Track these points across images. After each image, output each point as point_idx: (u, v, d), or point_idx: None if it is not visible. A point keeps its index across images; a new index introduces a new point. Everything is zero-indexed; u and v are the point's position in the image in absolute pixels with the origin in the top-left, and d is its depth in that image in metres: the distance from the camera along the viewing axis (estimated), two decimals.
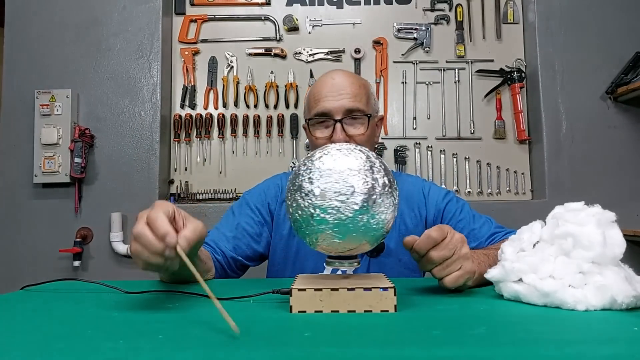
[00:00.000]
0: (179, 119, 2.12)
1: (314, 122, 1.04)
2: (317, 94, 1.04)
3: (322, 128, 1.04)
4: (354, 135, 1.02)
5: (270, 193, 1.11)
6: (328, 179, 0.60)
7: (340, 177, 0.60)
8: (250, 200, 1.10)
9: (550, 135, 2.01)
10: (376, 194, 0.60)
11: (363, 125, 1.03)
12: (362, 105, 1.03)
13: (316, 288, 0.59)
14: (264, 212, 1.08)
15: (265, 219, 1.08)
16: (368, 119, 1.04)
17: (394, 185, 0.64)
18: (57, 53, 2.05)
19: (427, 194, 1.11)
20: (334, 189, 0.59)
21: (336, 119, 1.01)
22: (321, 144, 0.99)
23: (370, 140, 1.06)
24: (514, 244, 0.67)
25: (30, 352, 0.44)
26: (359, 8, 2.18)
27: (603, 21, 2.04)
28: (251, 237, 1.06)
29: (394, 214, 0.64)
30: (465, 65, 2.14)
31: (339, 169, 0.60)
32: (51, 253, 1.97)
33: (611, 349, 0.43)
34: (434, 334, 0.49)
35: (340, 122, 1.00)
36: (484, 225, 1.07)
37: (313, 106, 1.04)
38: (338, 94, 1.01)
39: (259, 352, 0.44)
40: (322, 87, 1.04)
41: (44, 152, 1.96)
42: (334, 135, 1.00)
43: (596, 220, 0.60)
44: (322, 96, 1.03)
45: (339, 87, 1.02)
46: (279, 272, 1.09)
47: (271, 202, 1.10)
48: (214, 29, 2.19)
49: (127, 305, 0.65)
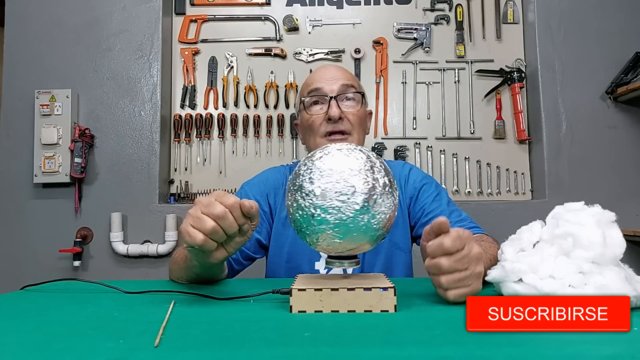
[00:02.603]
0: (179, 119, 2.12)
1: (309, 103, 1.08)
2: (310, 80, 1.11)
3: (317, 108, 1.08)
4: (348, 112, 1.06)
5: (269, 184, 1.11)
6: (329, 179, 0.60)
7: (341, 177, 0.60)
8: (250, 191, 1.10)
9: (550, 135, 2.01)
10: (377, 194, 0.60)
11: (357, 104, 1.08)
12: (356, 85, 1.09)
13: (316, 288, 0.59)
14: (262, 203, 1.08)
15: (264, 210, 1.08)
16: (362, 96, 1.09)
17: (394, 185, 0.64)
18: (57, 53, 2.06)
19: (407, 175, 1.13)
20: (334, 189, 0.59)
21: (331, 95, 1.05)
22: (317, 123, 1.05)
23: (363, 123, 1.10)
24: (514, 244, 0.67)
25: (30, 352, 0.44)
26: (359, 8, 2.18)
27: (603, 21, 2.04)
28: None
29: (394, 213, 0.64)
30: (465, 65, 2.14)
31: (339, 169, 0.60)
32: (51, 253, 1.97)
33: (611, 349, 0.43)
34: (434, 334, 0.49)
35: (335, 99, 1.05)
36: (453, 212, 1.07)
37: (307, 88, 1.09)
38: (332, 77, 1.08)
39: (259, 352, 0.44)
40: (315, 74, 1.11)
41: (44, 152, 1.96)
42: (329, 110, 1.04)
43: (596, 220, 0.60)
44: (315, 80, 1.09)
45: (332, 73, 1.09)
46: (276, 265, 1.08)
47: (270, 193, 1.10)
48: (214, 29, 2.19)
49: (127, 305, 0.65)
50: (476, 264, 0.62)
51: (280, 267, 1.08)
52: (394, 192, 0.63)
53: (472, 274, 0.61)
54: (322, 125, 1.06)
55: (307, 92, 1.08)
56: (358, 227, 0.60)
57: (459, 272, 0.61)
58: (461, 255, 0.60)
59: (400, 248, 1.08)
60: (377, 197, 0.60)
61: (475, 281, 0.62)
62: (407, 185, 1.11)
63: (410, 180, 1.12)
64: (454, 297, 0.61)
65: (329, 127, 1.05)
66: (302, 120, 1.11)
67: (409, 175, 1.13)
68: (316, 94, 1.07)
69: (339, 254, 0.65)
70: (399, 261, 1.08)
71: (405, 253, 1.09)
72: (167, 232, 1.95)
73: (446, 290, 0.61)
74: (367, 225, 0.60)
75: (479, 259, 0.63)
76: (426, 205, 1.07)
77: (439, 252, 0.61)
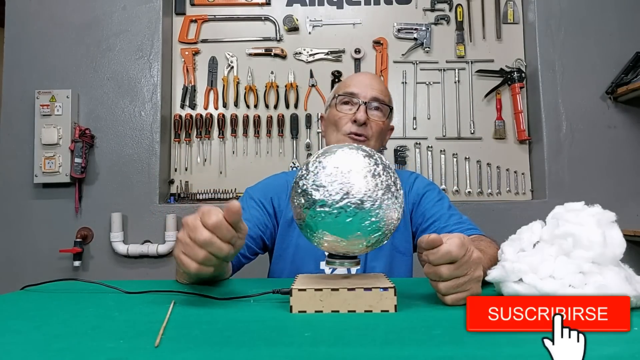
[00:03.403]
0: (179, 119, 2.12)
1: (342, 101, 1.14)
2: (349, 81, 1.18)
3: (347, 107, 1.13)
4: (373, 120, 1.12)
5: (273, 190, 1.14)
6: (332, 178, 0.60)
7: (345, 177, 0.60)
8: (254, 195, 1.12)
9: (550, 135, 2.01)
10: (380, 195, 0.60)
11: (383, 115, 1.14)
12: (387, 100, 1.16)
13: (316, 288, 0.59)
14: (267, 205, 1.11)
15: (268, 212, 1.10)
16: (390, 110, 1.16)
17: (399, 186, 0.64)
18: (57, 53, 2.06)
19: (412, 183, 1.17)
20: (338, 189, 0.59)
21: (363, 101, 1.12)
22: (343, 121, 1.12)
23: (383, 134, 1.16)
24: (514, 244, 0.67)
25: (30, 352, 0.44)
26: (359, 8, 2.18)
27: (603, 21, 2.04)
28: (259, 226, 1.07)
29: (398, 215, 0.64)
30: (465, 65, 2.14)
31: (343, 169, 0.60)
32: (51, 253, 1.97)
33: (611, 349, 0.43)
34: (434, 334, 0.49)
35: (365, 105, 1.11)
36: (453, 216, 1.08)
37: (344, 88, 1.16)
38: (369, 85, 1.14)
39: (259, 352, 0.44)
40: (354, 78, 1.19)
41: (44, 152, 1.96)
42: (357, 113, 1.10)
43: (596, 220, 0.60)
44: (353, 83, 1.16)
45: (369, 82, 1.16)
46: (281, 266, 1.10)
47: (274, 197, 1.12)
48: (214, 29, 2.19)
49: (127, 305, 0.65)
50: (475, 268, 0.62)
51: (284, 268, 1.09)
52: (398, 193, 0.63)
53: (471, 279, 0.61)
54: (347, 125, 1.11)
55: (343, 92, 1.14)
56: (361, 227, 0.60)
57: (458, 279, 0.61)
58: (462, 262, 0.60)
59: (401, 252, 1.10)
60: (381, 198, 0.60)
61: (474, 285, 0.62)
62: (410, 192, 1.15)
63: (415, 187, 1.16)
64: (452, 302, 0.61)
65: (352, 128, 1.10)
66: (329, 115, 1.17)
67: (414, 183, 1.17)
68: (350, 96, 1.13)
69: (340, 254, 0.64)
70: (400, 264, 1.09)
71: (406, 256, 1.10)
72: (167, 232, 1.95)
73: (444, 296, 0.62)
74: (370, 226, 0.60)
75: (478, 264, 0.63)
76: (427, 211, 1.10)
77: (443, 260, 0.60)
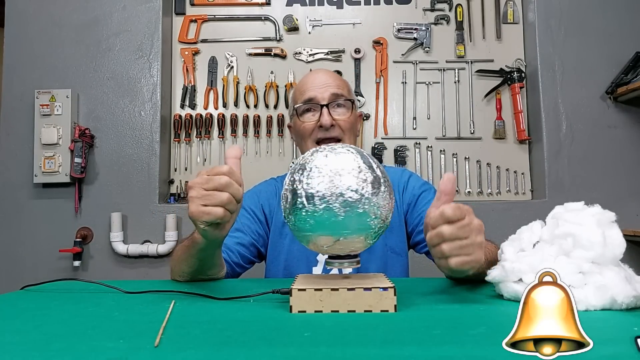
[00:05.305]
0: (179, 119, 2.12)
1: (302, 110, 1.11)
2: (302, 87, 1.13)
3: (309, 115, 1.10)
4: (339, 119, 1.09)
5: (263, 196, 1.14)
6: (323, 179, 0.60)
7: (335, 176, 0.60)
8: (244, 203, 1.10)
9: (550, 135, 2.01)
10: (370, 192, 0.61)
11: (347, 110, 1.11)
12: (346, 93, 1.12)
13: (316, 288, 0.59)
14: (258, 213, 1.11)
15: (260, 219, 1.10)
16: (352, 104, 1.12)
17: (388, 182, 0.65)
18: (57, 53, 2.05)
19: (406, 182, 1.14)
20: (328, 189, 0.60)
21: (322, 104, 1.08)
22: (309, 129, 1.09)
23: (353, 128, 1.13)
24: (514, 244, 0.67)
25: (30, 352, 0.44)
26: (359, 8, 2.18)
27: (603, 21, 2.04)
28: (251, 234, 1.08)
29: (390, 209, 0.64)
30: (465, 65, 2.14)
31: (332, 169, 0.61)
32: (51, 253, 1.97)
33: (611, 349, 0.43)
34: (434, 334, 0.49)
35: (327, 107, 1.08)
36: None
37: (300, 96, 1.12)
38: (324, 84, 1.10)
39: (259, 352, 0.44)
40: (307, 81, 1.14)
41: (44, 152, 1.96)
42: (321, 118, 1.07)
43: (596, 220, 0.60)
44: (308, 87, 1.11)
45: (323, 80, 1.11)
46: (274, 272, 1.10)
47: (264, 204, 1.12)
48: (214, 29, 2.19)
49: (127, 305, 0.65)
50: (477, 234, 0.62)
51: (277, 274, 1.09)
52: (388, 188, 0.64)
53: (473, 243, 0.61)
54: (315, 132, 1.09)
55: (301, 101, 1.11)
56: (354, 225, 0.60)
57: (461, 240, 0.60)
58: (462, 224, 0.60)
59: (396, 252, 1.09)
60: (371, 195, 0.61)
61: (477, 251, 0.62)
62: (405, 192, 1.13)
63: (409, 187, 1.13)
64: (455, 265, 0.60)
65: (320, 134, 1.08)
66: (295, 125, 1.14)
67: (408, 182, 1.14)
68: (309, 102, 1.10)
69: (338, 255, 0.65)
70: (395, 265, 1.08)
71: (401, 257, 1.10)
72: (167, 232, 1.95)
73: (448, 258, 0.61)
74: (363, 224, 0.61)
75: (480, 230, 0.63)
76: (423, 212, 1.08)
77: (440, 221, 0.60)
